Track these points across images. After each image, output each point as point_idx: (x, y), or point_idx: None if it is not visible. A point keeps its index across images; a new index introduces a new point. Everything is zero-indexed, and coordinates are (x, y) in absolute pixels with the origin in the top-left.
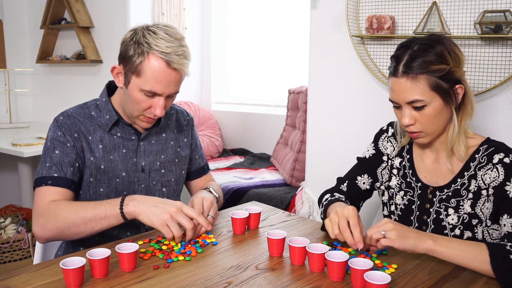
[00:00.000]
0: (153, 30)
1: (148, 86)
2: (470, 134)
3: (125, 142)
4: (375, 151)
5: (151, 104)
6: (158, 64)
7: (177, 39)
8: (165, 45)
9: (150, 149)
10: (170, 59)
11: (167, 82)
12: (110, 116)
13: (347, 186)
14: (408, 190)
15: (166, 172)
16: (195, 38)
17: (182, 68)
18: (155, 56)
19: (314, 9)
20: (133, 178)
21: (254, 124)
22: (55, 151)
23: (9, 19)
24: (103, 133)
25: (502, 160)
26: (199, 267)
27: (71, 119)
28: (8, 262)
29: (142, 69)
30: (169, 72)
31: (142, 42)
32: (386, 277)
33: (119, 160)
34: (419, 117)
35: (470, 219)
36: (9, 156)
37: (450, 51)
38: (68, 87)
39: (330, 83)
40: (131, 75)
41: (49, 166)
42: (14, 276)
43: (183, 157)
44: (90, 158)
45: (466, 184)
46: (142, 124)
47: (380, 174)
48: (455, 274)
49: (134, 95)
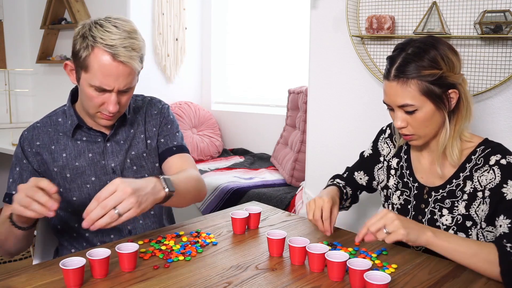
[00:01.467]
0: (101, 23)
1: (96, 81)
2: (467, 137)
3: (90, 145)
4: (372, 151)
5: (104, 100)
6: (103, 57)
7: (125, 31)
8: (110, 37)
9: (118, 149)
10: (115, 52)
11: (115, 76)
12: (71, 121)
13: (346, 177)
14: (404, 190)
15: (138, 169)
16: (195, 38)
17: (129, 61)
18: (100, 49)
19: (314, 9)
20: (104, 181)
21: (254, 124)
22: (16, 167)
23: (9, 19)
24: (66, 141)
25: (498, 162)
26: (199, 267)
27: (35, 130)
28: (8, 262)
29: (89, 64)
30: (115, 66)
31: (87, 36)
32: (386, 277)
33: (86, 165)
34: (411, 120)
35: (464, 220)
36: (9, 156)
37: (443, 56)
38: (68, 87)
39: (330, 83)
40: (80, 71)
41: (11, 183)
42: (14, 276)
43: (153, 148)
44: (54, 168)
45: (461, 185)
46: (101, 122)
47: (377, 174)
48: (455, 274)
49: (85, 91)
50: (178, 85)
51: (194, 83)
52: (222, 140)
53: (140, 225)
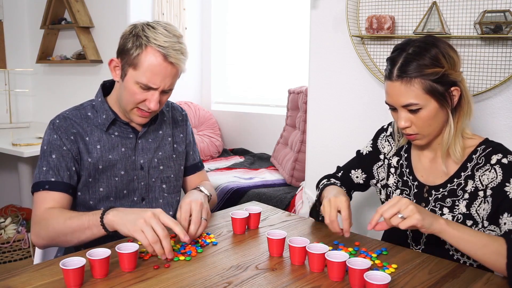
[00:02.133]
0: (153, 25)
1: (144, 79)
2: (468, 134)
3: (123, 140)
4: (372, 149)
5: (146, 97)
6: (155, 57)
7: (175, 36)
8: (163, 39)
9: (148, 147)
10: (167, 53)
11: (163, 75)
12: (106, 115)
13: (341, 176)
14: (404, 189)
15: (165, 169)
16: (195, 38)
17: (178, 63)
18: (153, 49)
19: (314, 9)
20: (132, 176)
21: (254, 124)
22: (52, 155)
23: (9, 19)
24: (100, 133)
25: (500, 161)
26: (199, 267)
27: (67, 121)
28: (8, 262)
29: (139, 62)
30: (165, 66)
31: (141, 35)
32: (386, 277)
33: (118, 159)
34: (415, 119)
35: (465, 219)
36: (9, 156)
37: (444, 54)
38: (68, 87)
39: (330, 83)
40: (128, 68)
41: (46, 170)
42: (14, 276)
43: (180, 152)
44: (88, 159)
45: (463, 184)
46: (136, 119)
47: (376, 172)
48: (455, 274)
49: (129, 88)
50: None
51: (194, 83)
52: (222, 140)
53: None
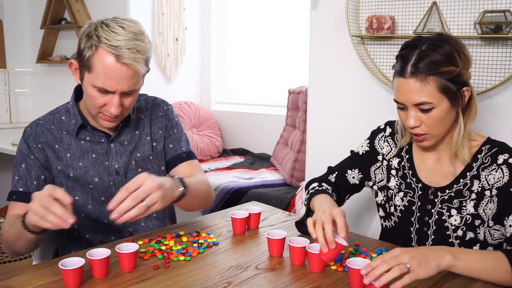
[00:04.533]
0: (107, 23)
1: (99, 82)
2: (472, 136)
3: (94, 146)
4: (369, 149)
5: (106, 102)
6: (107, 58)
7: (132, 32)
8: (115, 38)
9: (122, 150)
10: (119, 53)
11: (118, 78)
12: (75, 120)
13: (335, 177)
14: (408, 191)
15: (143, 171)
16: (195, 38)
17: (133, 63)
18: (104, 49)
19: (314, 9)
20: (107, 182)
21: (254, 124)
22: (22, 164)
23: (9, 19)
24: (70, 140)
25: (507, 161)
26: (199, 267)
27: (38, 127)
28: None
29: (92, 64)
30: (119, 67)
31: (92, 35)
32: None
33: (89, 165)
34: (425, 119)
35: (473, 219)
36: (9, 156)
37: (459, 52)
38: (68, 87)
39: (330, 83)
40: (84, 70)
41: (17, 180)
42: (14, 276)
43: (159, 151)
44: (57, 167)
45: (469, 184)
46: (103, 123)
47: (374, 173)
48: (455, 274)
49: (88, 92)
50: (178, 85)
51: (194, 83)
52: (222, 140)
53: (142, 228)
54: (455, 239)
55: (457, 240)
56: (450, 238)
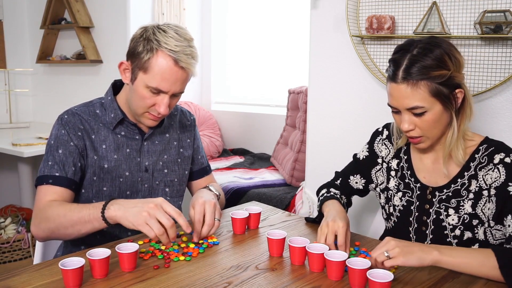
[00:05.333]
0: (164, 28)
1: (154, 82)
2: (469, 136)
3: (129, 141)
4: (369, 153)
5: (156, 102)
6: (166, 61)
7: (186, 39)
8: (174, 43)
9: (153, 149)
10: (178, 57)
11: (174, 80)
12: (115, 114)
13: (340, 183)
14: (406, 191)
15: (169, 172)
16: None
17: (189, 67)
18: (164, 53)
19: (314, 9)
20: (136, 177)
21: (254, 124)
22: (58, 150)
23: (9, 19)
24: (107, 132)
25: (503, 160)
26: (199, 267)
27: (75, 117)
28: (8, 262)
29: (149, 66)
30: (176, 70)
31: (152, 39)
32: (389, 275)
33: (122, 159)
34: (419, 122)
35: (471, 219)
36: (9, 156)
37: (450, 56)
38: (68, 87)
39: (330, 83)
40: (138, 71)
41: (51, 165)
42: (14, 276)
43: (185, 157)
44: (94, 157)
45: (467, 184)
46: (147, 122)
47: (375, 176)
48: (455, 275)
49: (139, 92)
50: None
51: (194, 83)
52: (222, 140)
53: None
54: (453, 239)
55: (455, 240)
56: (448, 238)
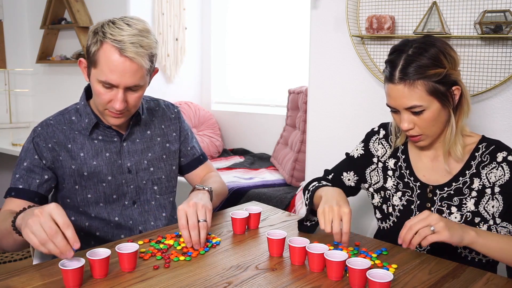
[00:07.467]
0: (114, 21)
1: (103, 76)
2: (467, 132)
3: (107, 145)
4: (364, 152)
5: (111, 97)
6: (111, 52)
7: (137, 29)
8: (119, 33)
9: (134, 149)
10: (122, 47)
11: (121, 71)
12: (89, 119)
13: (332, 178)
14: (406, 191)
15: (155, 170)
16: (195, 38)
17: (136, 56)
18: (108, 44)
19: (314, 9)
20: (120, 180)
21: (254, 124)
22: (24, 162)
23: (9, 19)
24: (83, 140)
25: (506, 158)
26: (199, 267)
27: (50, 128)
28: (8, 262)
29: (97, 59)
30: (122, 61)
31: (98, 32)
32: (389, 275)
33: (103, 164)
34: (418, 121)
35: (473, 217)
36: (9, 156)
37: (445, 54)
38: (68, 87)
39: (330, 83)
40: (91, 67)
41: (18, 178)
42: (14, 276)
43: (172, 152)
44: (72, 166)
45: (468, 182)
46: (110, 120)
47: (369, 176)
48: (455, 274)
49: (95, 88)
50: (178, 85)
51: (194, 83)
52: (222, 140)
53: (151, 227)
54: None
55: None
56: None
